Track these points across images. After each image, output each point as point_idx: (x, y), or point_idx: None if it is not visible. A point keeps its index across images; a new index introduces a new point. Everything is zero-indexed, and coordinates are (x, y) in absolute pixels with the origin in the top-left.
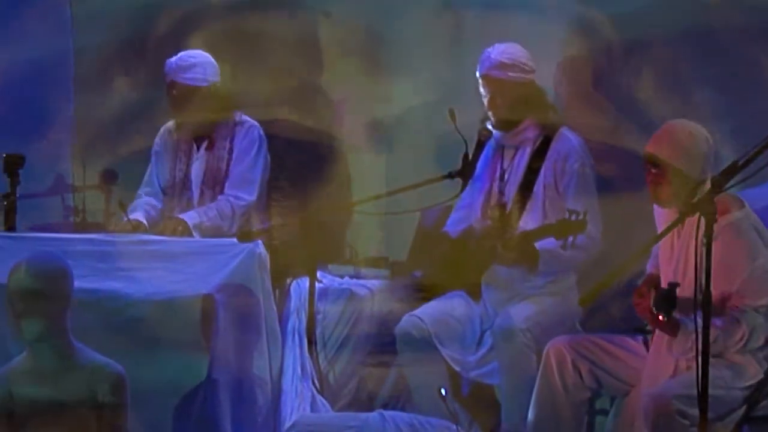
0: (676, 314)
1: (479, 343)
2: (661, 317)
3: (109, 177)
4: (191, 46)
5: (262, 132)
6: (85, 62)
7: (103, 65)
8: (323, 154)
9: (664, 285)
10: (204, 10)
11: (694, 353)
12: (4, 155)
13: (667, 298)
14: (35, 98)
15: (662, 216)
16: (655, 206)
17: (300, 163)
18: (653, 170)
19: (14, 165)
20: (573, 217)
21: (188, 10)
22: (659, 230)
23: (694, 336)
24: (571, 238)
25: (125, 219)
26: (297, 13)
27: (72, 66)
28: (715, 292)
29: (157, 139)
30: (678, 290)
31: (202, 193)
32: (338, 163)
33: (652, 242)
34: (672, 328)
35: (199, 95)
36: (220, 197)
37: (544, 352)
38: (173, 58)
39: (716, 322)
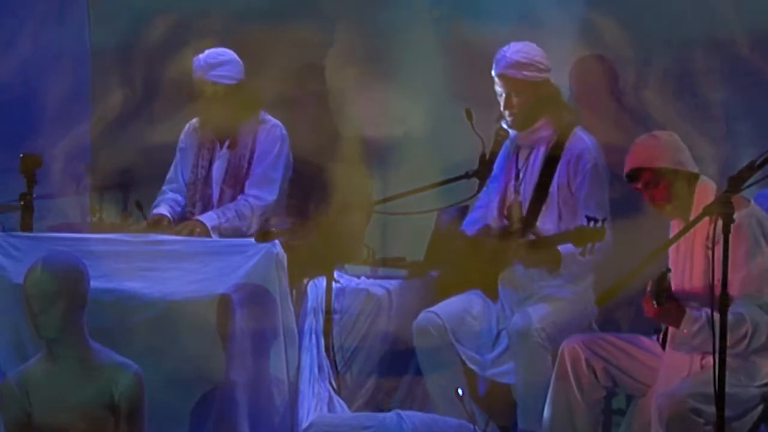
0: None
1: (495, 343)
2: (654, 305)
3: (126, 177)
4: (203, 49)
5: (284, 131)
6: (103, 63)
7: (120, 65)
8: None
9: (674, 285)
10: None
11: (698, 345)
12: (21, 155)
13: (659, 285)
14: (52, 99)
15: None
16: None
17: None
18: (639, 186)
19: (31, 165)
20: (592, 224)
21: (202, 13)
22: (672, 232)
23: (698, 326)
24: (590, 245)
25: (150, 215)
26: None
27: (89, 66)
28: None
29: (182, 136)
30: (682, 283)
31: (222, 191)
32: (355, 164)
33: (668, 243)
34: (673, 317)
35: (226, 93)
36: (239, 197)
37: (559, 351)
38: (201, 55)
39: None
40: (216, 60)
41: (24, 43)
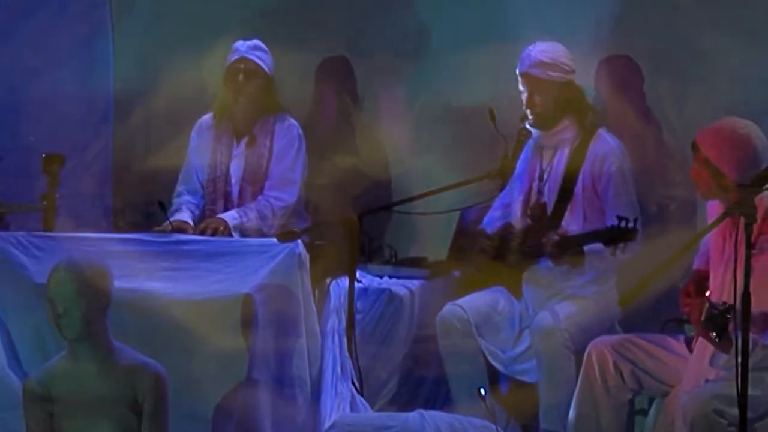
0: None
1: (517, 340)
2: (712, 336)
3: (148, 177)
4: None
5: (300, 131)
6: (125, 63)
7: (142, 66)
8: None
9: (713, 287)
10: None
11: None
12: (44, 155)
13: (720, 320)
14: (75, 99)
15: (714, 210)
16: (708, 204)
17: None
18: (695, 161)
19: (54, 165)
20: (623, 224)
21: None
22: (710, 217)
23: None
24: (621, 245)
25: (168, 221)
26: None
27: (111, 66)
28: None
29: (193, 134)
30: (722, 294)
31: (242, 188)
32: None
33: (692, 242)
34: (725, 345)
35: (260, 79)
36: (259, 198)
37: (586, 353)
38: (243, 41)
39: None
40: (259, 45)
41: (47, 43)
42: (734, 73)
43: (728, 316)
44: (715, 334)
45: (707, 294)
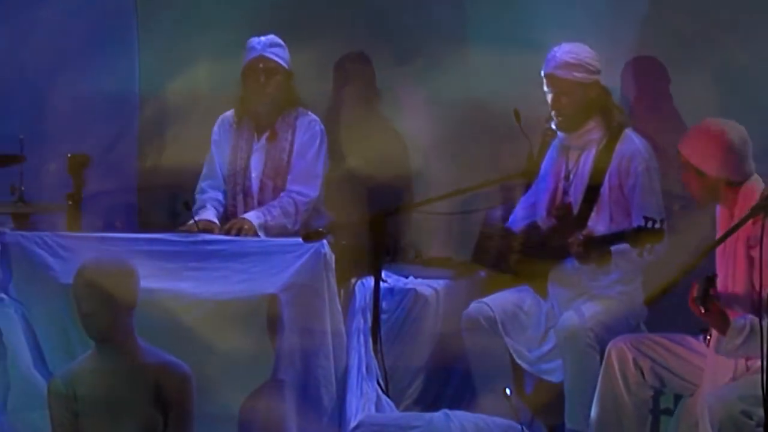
0: (730, 313)
1: (543, 340)
2: (699, 309)
3: (174, 176)
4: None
5: (322, 127)
6: (151, 61)
7: (168, 64)
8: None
9: (721, 285)
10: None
11: (743, 353)
12: (69, 155)
13: (704, 290)
14: (102, 98)
15: (723, 213)
16: (717, 206)
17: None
18: (681, 167)
19: (79, 165)
20: (650, 225)
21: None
22: (719, 229)
23: (742, 337)
24: (648, 246)
25: (194, 221)
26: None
27: (137, 64)
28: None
29: (215, 128)
30: (726, 285)
31: (262, 184)
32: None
33: (715, 243)
34: (720, 324)
35: (279, 76)
36: (282, 195)
37: (606, 351)
38: (259, 38)
39: None
40: (275, 41)
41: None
42: (760, 74)
43: (711, 284)
44: (700, 305)
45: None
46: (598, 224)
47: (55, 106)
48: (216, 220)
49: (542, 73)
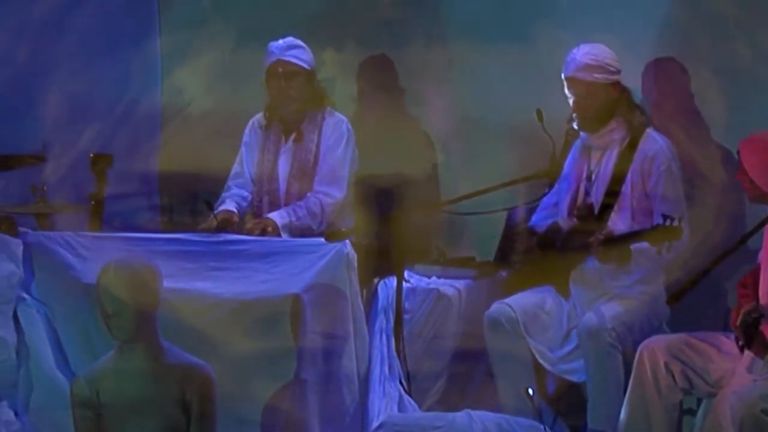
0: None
1: (565, 340)
2: (740, 344)
3: (195, 176)
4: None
5: (350, 126)
6: (173, 62)
7: (189, 65)
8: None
9: (762, 289)
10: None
11: None
12: (92, 155)
13: (749, 329)
14: (123, 99)
15: None
16: None
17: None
18: (739, 166)
19: (102, 165)
20: (668, 223)
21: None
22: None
23: None
24: (666, 244)
25: (213, 214)
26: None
27: (159, 65)
28: None
29: (246, 130)
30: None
31: (289, 185)
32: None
33: (736, 246)
34: (761, 350)
35: (301, 77)
36: (308, 195)
37: (637, 353)
38: (277, 41)
39: None
40: (293, 43)
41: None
42: None
43: (758, 326)
44: (744, 341)
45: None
46: (619, 224)
47: (78, 107)
48: (235, 210)
49: (562, 76)
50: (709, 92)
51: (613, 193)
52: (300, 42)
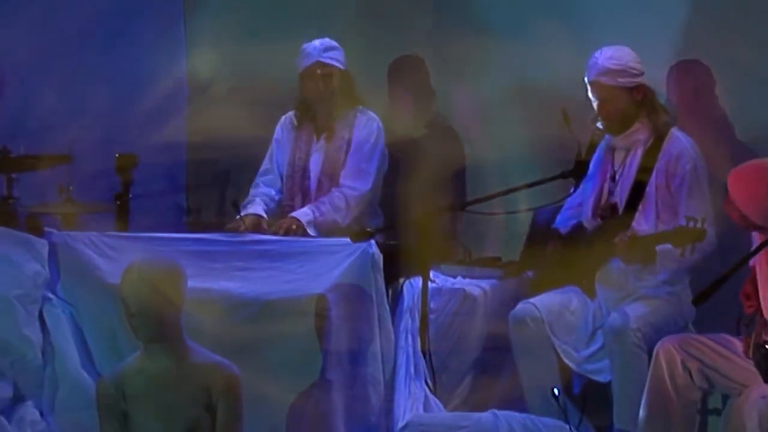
0: None
1: (591, 340)
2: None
3: (222, 176)
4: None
5: (381, 124)
6: (198, 62)
7: (215, 65)
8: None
9: (765, 305)
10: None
11: None
12: (117, 155)
13: (764, 359)
14: (149, 99)
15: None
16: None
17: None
18: (726, 197)
19: (127, 165)
20: (691, 224)
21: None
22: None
23: None
24: (689, 246)
25: (240, 216)
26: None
27: (185, 66)
28: None
29: (278, 127)
30: None
31: (320, 183)
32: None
33: (765, 244)
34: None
35: (337, 78)
36: (333, 189)
37: (654, 352)
38: (314, 42)
39: None
40: (329, 44)
41: (121, 45)
42: None
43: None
44: (763, 373)
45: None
46: (644, 224)
47: (104, 107)
48: (264, 214)
49: (585, 80)
50: (732, 93)
51: (637, 194)
52: (335, 43)
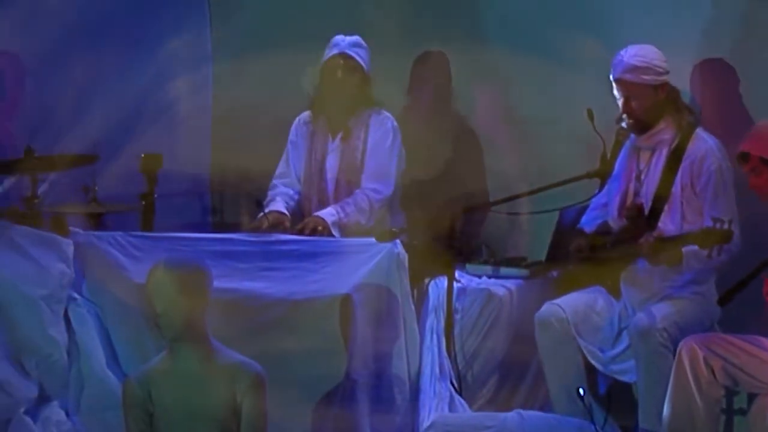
0: None
1: (616, 340)
2: None
3: (244, 176)
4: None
5: (395, 123)
6: (224, 62)
7: (241, 65)
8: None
9: None
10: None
11: None
12: (143, 155)
13: None
14: (174, 99)
15: None
16: None
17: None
18: (747, 169)
19: (152, 165)
20: (718, 226)
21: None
22: None
23: None
24: (716, 247)
25: (264, 213)
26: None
27: (210, 67)
28: None
29: (293, 129)
30: None
31: (337, 183)
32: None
33: None
34: None
35: (358, 75)
36: (356, 192)
37: (677, 350)
38: (344, 35)
39: None
40: (357, 41)
41: (147, 46)
42: None
43: None
44: None
45: None
46: (669, 224)
47: (129, 108)
48: (285, 212)
49: (611, 78)
50: (756, 93)
51: (662, 194)
52: (365, 44)
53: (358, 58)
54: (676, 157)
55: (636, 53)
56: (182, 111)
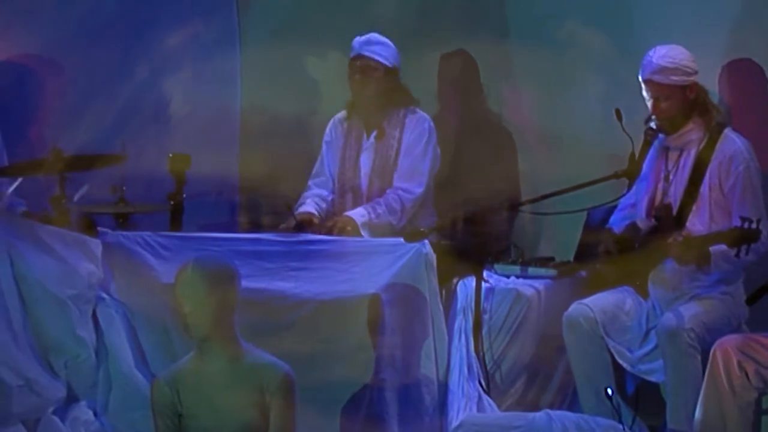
0: None
1: (644, 340)
2: None
3: (273, 177)
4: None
5: (432, 124)
6: (252, 62)
7: (269, 63)
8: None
9: None
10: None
11: None
12: (171, 155)
13: None
14: (203, 99)
15: None
16: None
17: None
18: None
19: (181, 165)
20: (746, 225)
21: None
22: None
23: None
24: (744, 247)
25: (293, 215)
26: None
27: (239, 64)
28: None
29: (327, 129)
30: None
31: (371, 182)
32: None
33: None
34: None
35: (378, 73)
36: (388, 191)
37: (711, 353)
38: (360, 36)
39: None
40: (373, 39)
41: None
42: None
43: None
44: None
45: None
46: (697, 224)
47: (158, 109)
48: (315, 212)
49: (640, 78)
50: None
51: (691, 194)
52: (383, 38)
53: (374, 56)
54: (704, 158)
55: (665, 54)
56: (210, 111)
